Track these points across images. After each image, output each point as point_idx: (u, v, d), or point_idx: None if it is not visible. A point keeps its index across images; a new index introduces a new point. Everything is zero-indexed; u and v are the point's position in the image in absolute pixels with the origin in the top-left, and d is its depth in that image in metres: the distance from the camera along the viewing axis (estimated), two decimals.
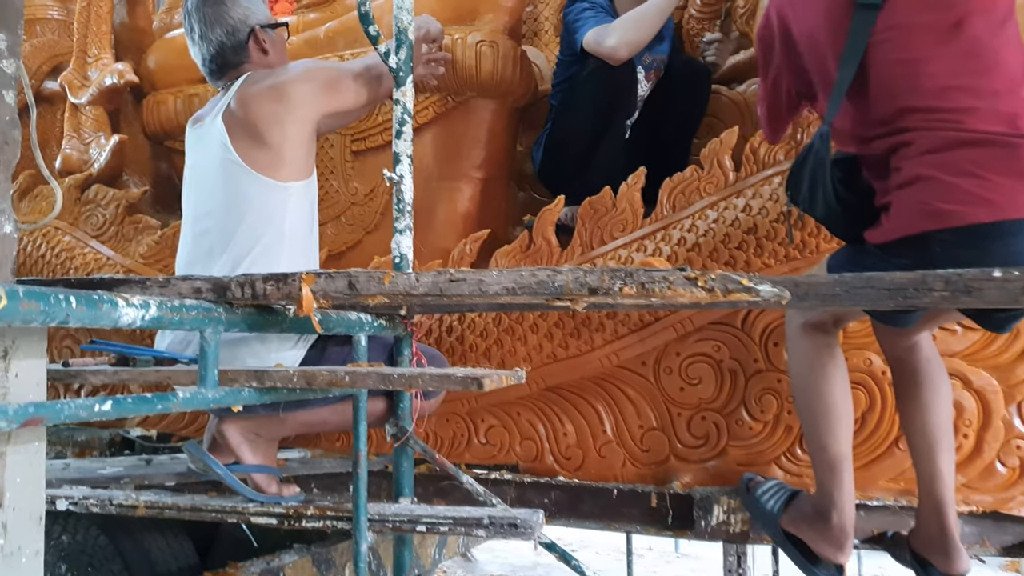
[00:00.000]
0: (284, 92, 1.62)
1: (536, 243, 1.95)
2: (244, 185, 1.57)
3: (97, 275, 1.17)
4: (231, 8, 1.73)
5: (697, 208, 1.83)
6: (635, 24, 2.04)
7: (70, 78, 2.66)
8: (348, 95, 1.72)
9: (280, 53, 1.80)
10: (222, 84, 1.76)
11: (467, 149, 2.24)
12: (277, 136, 1.59)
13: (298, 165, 1.62)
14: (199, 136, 1.71)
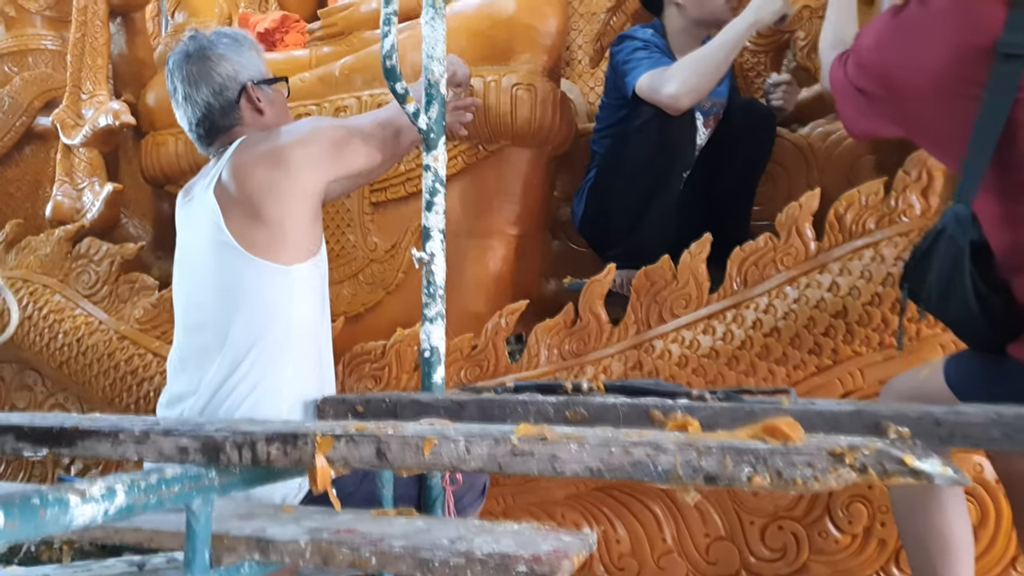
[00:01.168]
0: (282, 157, 1.37)
1: (583, 318, 1.70)
2: (241, 271, 1.33)
3: (59, 422, 0.92)
4: (218, 64, 1.47)
5: (774, 284, 1.57)
6: (699, 68, 1.79)
7: (62, 116, 2.44)
8: (358, 157, 1.47)
9: (279, 112, 1.54)
10: (213, 151, 1.51)
11: (500, 203, 1.99)
12: (276, 210, 1.34)
13: (302, 243, 1.38)
14: (189, 212, 1.47)
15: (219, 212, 1.35)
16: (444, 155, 1.42)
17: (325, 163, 1.41)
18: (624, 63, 1.89)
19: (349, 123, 1.51)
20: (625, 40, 1.97)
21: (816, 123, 2.16)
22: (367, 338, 2.10)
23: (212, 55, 1.47)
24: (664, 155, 1.81)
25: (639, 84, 1.81)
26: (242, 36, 1.53)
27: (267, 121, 1.50)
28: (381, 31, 1.30)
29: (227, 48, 1.48)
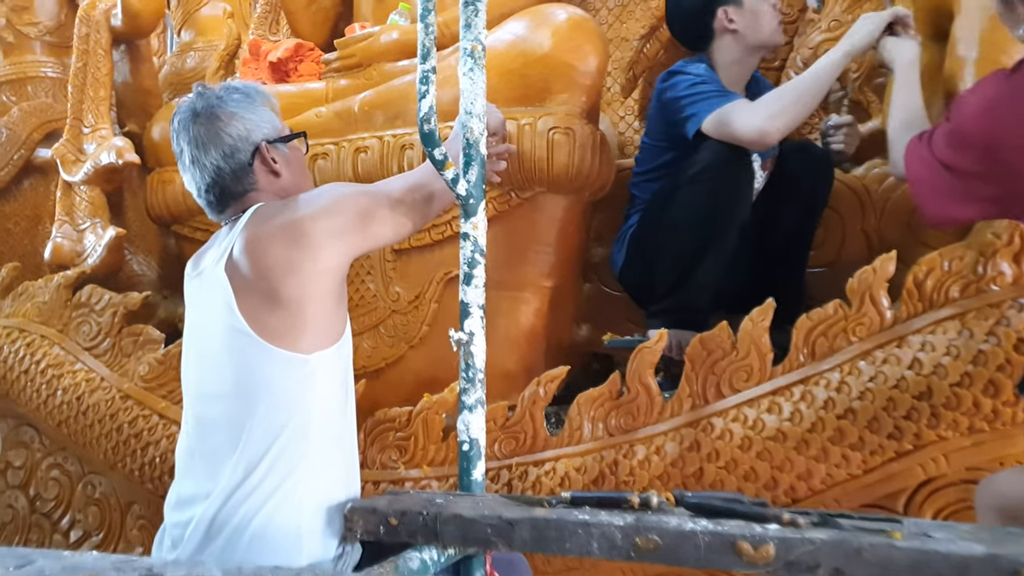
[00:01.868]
0: (301, 232, 1.21)
1: (631, 390, 1.55)
2: (255, 362, 1.17)
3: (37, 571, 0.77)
4: (228, 123, 1.31)
5: (846, 358, 1.42)
6: (792, 99, 1.64)
7: (63, 151, 2.29)
8: (386, 228, 1.31)
9: (297, 172, 1.39)
10: (226, 218, 1.36)
11: (534, 253, 1.84)
12: (294, 291, 1.19)
13: (324, 327, 1.22)
14: (199, 289, 1.32)
15: (231, 292, 1.19)
16: (484, 222, 1.27)
17: (349, 237, 1.26)
18: (681, 100, 1.74)
19: (376, 189, 1.36)
20: (676, 75, 1.81)
21: (872, 163, 2.00)
22: (388, 396, 1.96)
23: (222, 114, 1.32)
24: (721, 206, 1.65)
25: (709, 121, 1.67)
26: (254, 90, 1.38)
27: (284, 184, 1.35)
28: (418, 90, 1.15)
29: (238, 105, 1.33)
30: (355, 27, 2.21)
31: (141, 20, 2.25)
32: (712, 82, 1.74)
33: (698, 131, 1.69)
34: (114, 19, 2.30)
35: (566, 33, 1.75)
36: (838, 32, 2.14)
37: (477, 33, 1.27)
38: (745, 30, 1.83)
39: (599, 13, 2.64)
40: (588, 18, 1.83)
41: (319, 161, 2.01)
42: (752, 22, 1.82)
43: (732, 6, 1.82)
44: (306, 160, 1.45)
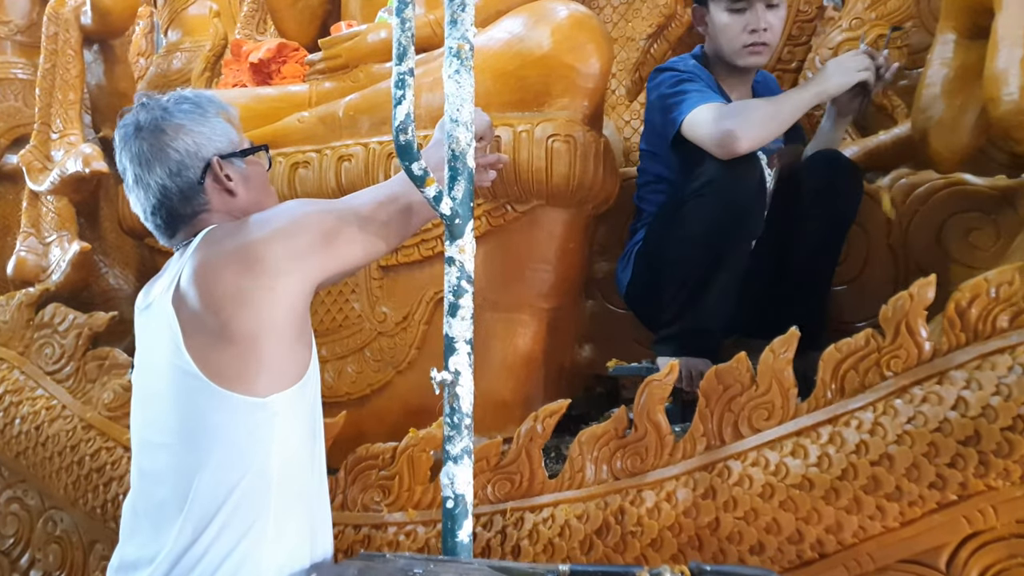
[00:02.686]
0: (255, 257, 1.07)
1: (639, 428, 1.39)
2: (204, 406, 1.03)
3: None
4: (175, 137, 1.16)
5: (879, 395, 1.26)
6: (769, 117, 1.51)
7: (29, 159, 2.15)
8: (354, 248, 1.16)
9: (256, 190, 1.23)
10: (177, 243, 1.21)
11: (531, 272, 1.69)
12: (248, 325, 1.04)
13: (284, 366, 1.07)
14: (147, 323, 1.17)
15: (177, 328, 1.04)
16: (472, 245, 1.12)
17: (311, 260, 1.10)
18: (669, 97, 1.60)
19: (343, 205, 1.20)
20: (664, 72, 1.67)
21: (898, 173, 1.84)
22: (374, 426, 1.80)
23: (167, 126, 1.17)
24: (732, 220, 1.50)
25: (690, 118, 1.53)
26: (206, 99, 1.23)
27: (240, 204, 1.20)
28: (394, 94, 1.00)
29: (186, 116, 1.18)
30: (341, 26, 2.06)
31: (112, 18, 2.11)
32: (698, 79, 1.61)
33: (678, 134, 1.56)
34: (84, 17, 2.15)
35: (567, 32, 1.60)
36: (859, 31, 1.99)
37: (464, 31, 1.12)
38: (711, 38, 1.70)
39: (603, 11, 2.48)
40: (591, 15, 1.67)
41: (300, 170, 1.86)
42: (714, 34, 1.69)
43: (703, 7, 1.70)
44: (268, 176, 1.30)
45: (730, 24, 1.62)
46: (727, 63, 1.68)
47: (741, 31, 1.62)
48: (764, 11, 1.60)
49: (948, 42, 1.63)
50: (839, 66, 1.59)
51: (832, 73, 1.57)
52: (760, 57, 1.65)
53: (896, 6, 1.99)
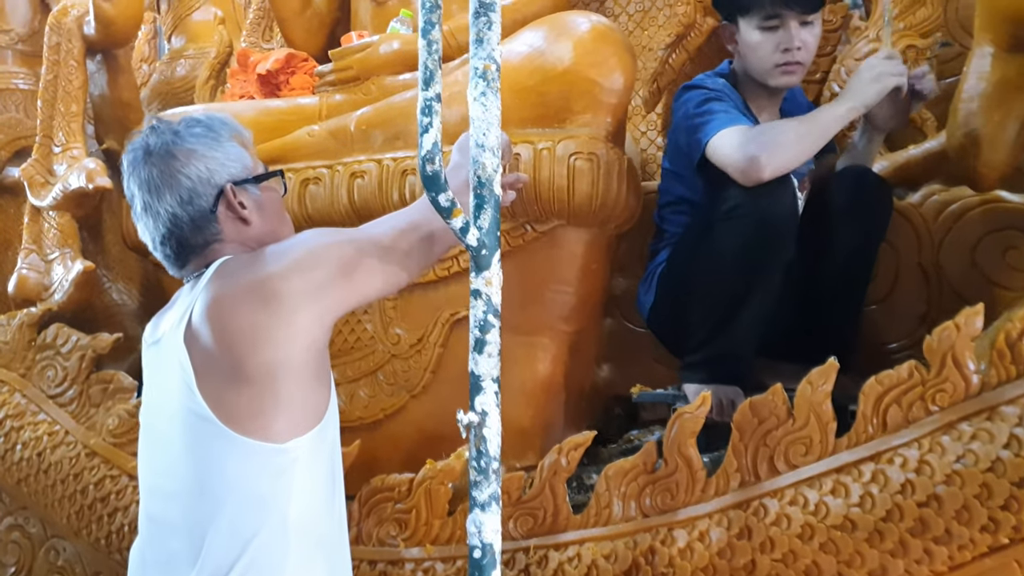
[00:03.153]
0: (271, 292, 1.01)
1: (669, 462, 1.33)
2: (219, 453, 0.97)
3: None
4: (187, 163, 1.10)
5: (925, 431, 1.20)
6: (795, 140, 1.44)
7: (31, 172, 2.09)
8: (374, 280, 1.10)
9: (272, 218, 1.17)
10: (188, 274, 1.15)
11: (552, 293, 1.63)
12: (264, 365, 0.98)
13: (303, 407, 1.02)
14: (156, 359, 1.11)
15: (189, 368, 0.98)
16: (499, 277, 1.06)
17: (330, 294, 1.04)
18: (694, 117, 1.53)
19: (363, 235, 1.14)
20: (690, 91, 1.60)
21: (929, 189, 1.78)
22: (388, 452, 1.74)
23: (179, 151, 1.10)
24: (762, 246, 1.43)
25: (711, 144, 1.47)
26: (219, 122, 1.16)
27: (255, 233, 1.13)
28: (420, 122, 0.94)
29: (199, 141, 1.12)
30: (352, 36, 2.00)
31: (116, 28, 2.04)
32: (727, 98, 1.54)
33: (703, 156, 1.50)
34: (87, 27, 2.09)
35: (589, 45, 1.53)
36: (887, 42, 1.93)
37: (491, 50, 1.06)
38: (741, 57, 1.62)
39: (618, 19, 2.43)
40: (614, 28, 1.61)
41: (311, 187, 1.80)
42: (744, 53, 1.60)
43: (733, 25, 1.61)
44: (283, 202, 1.23)
45: (762, 42, 1.54)
46: (757, 82, 1.61)
47: (773, 50, 1.54)
48: (798, 28, 1.53)
49: (986, 55, 1.56)
50: (871, 71, 1.48)
51: (864, 83, 1.48)
52: (793, 77, 1.58)
53: (926, 15, 1.92)
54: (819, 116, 1.50)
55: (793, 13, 1.52)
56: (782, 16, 1.52)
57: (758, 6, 1.54)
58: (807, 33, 1.54)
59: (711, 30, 2.15)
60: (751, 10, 1.55)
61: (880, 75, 1.49)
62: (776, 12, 1.53)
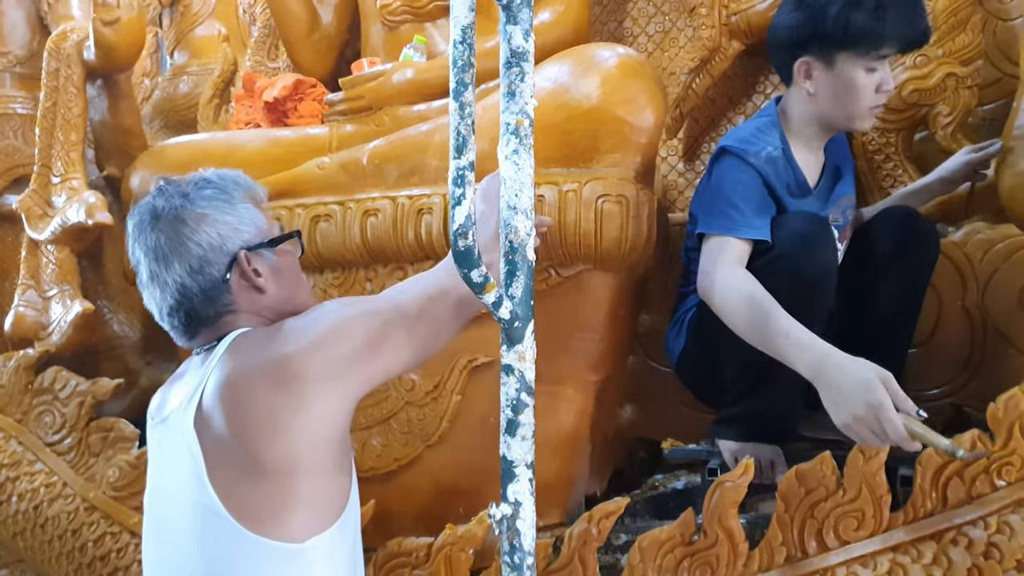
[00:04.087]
0: (290, 373, 0.93)
1: (709, 534, 1.24)
2: (232, 552, 0.89)
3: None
4: (196, 229, 1.02)
5: (991, 510, 1.11)
6: (745, 322, 1.29)
7: (29, 203, 2.00)
8: (403, 352, 1.02)
9: (289, 284, 1.09)
10: (197, 345, 1.06)
11: (578, 341, 1.54)
12: (282, 457, 0.90)
13: (324, 501, 0.94)
14: (162, 442, 1.03)
15: (200, 457, 0.90)
16: (533, 350, 0.97)
17: (355, 372, 0.96)
18: (714, 194, 1.43)
19: (387, 305, 1.04)
20: (720, 159, 1.45)
21: (973, 227, 1.69)
22: (403, 505, 1.66)
23: (188, 216, 1.02)
24: (802, 302, 1.32)
25: (708, 240, 1.41)
26: (231, 182, 1.08)
27: (269, 301, 1.05)
28: (451, 193, 0.85)
29: (210, 204, 1.04)
30: (363, 63, 1.91)
31: (117, 54, 1.95)
32: (754, 185, 1.40)
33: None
34: (87, 52, 2.00)
35: (617, 81, 1.44)
36: (925, 70, 1.83)
37: (523, 104, 0.97)
38: (822, 97, 1.44)
39: (637, 39, 2.34)
40: (643, 61, 1.52)
41: (321, 224, 1.71)
42: (835, 92, 1.42)
43: (819, 61, 1.42)
44: (299, 266, 1.14)
45: (866, 84, 1.39)
46: (832, 124, 1.48)
47: (874, 91, 1.40)
48: (888, 67, 1.42)
49: None
50: (865, 406, 1.05)
51: (845, 408, 1.07)
52: (873, 120, 1.48)
53: (966, 42, 1.83)
54: (790, 334, 1.23)
55: (894, 52, 1.40)
56: (887, 56, 1.39)
57: (875, 41, 1.36)
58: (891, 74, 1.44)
59: (737, 54, 2.06)
60: (863, 45, 1.37)
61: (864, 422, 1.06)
62: (888, 52, 1.38)
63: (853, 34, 1.36)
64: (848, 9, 1.35)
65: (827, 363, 1.12)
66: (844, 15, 1.35)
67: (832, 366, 1.11)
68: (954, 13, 1.84)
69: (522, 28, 0.99)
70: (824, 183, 1.56)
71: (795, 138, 1.51)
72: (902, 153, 1.88)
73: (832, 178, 1.58)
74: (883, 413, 1.02)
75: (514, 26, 0.99)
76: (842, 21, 1.35)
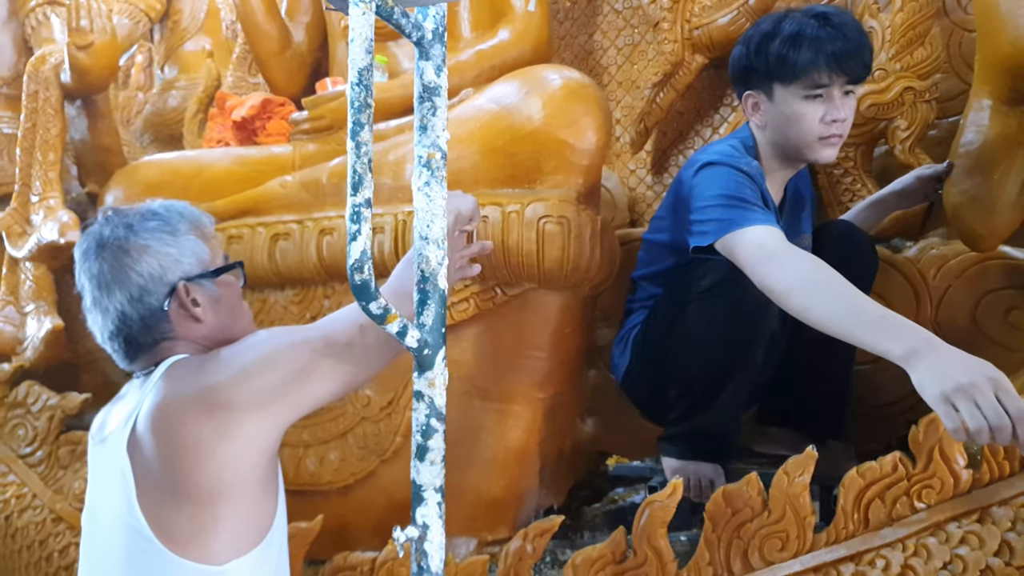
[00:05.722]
0: (217, 403, 0.96)
1: (639, 553, 1.26)
2: (156, 572, 0.93)
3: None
4: (138, 259, 1.05)
5: (910, 532, 1.12)
6: (837, 292, 1.14)
7: (9, 222, 2.06)
8: (331, 382, 1.04)
9: (227, 314, 1.11)
10: (137, 368, 1.10)
11: (524, 359, 1.56)
12: (207, 483, 0.94)
13: (246, 525, 0.97)
14: (99, 460, 1.06)
15: (131, 480, 0.94)
16: (444, 376, 1.00)
17: (282, 401, 0.99)
18: (704, 208, 1.33)
19: (318, 334, 1.06)
20: (705, 169, 1.39)
21: (928, 243, 1.69)
22: (358, 518, 1.69)
23: (132, 246, 1.06)
24: (746, 326, 1.34)
25: (730, 239, 1.27)
26: (177, 215, 1.11)
27: (206, 331, 1.08)
28: (348, 229, 0.88)
29: (152, 236, 1.07)
30: (327, 83, 1.95)
31: (91, 77, 2.01)
32: (746, 185, 1.33)
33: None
34: (64, 75, 2.06)
35: (560, 104, 1.47)
36: (884, 83, 1.83)
37: (435, 137, 1.00)
38: (770, 129, 1.44)
39: (607, 52, 2.36)
40: (588, 84, 1.54)
41: (280, 242, 1.75)
42: (778, 125, 1.41)
43: (761, 93, 1.42)
44: (241, 294, 1.17)
45: (806, 114, 1.37)
46: (783, 155, 1.45)
47: (818, 121, 1.37)
48: (841, 99, 1.37)
49: (984, 108, 1.48)
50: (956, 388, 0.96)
51: (936, 390, 0.98)
52: (834, 150, 1.40)
53: (924, 56, 1.82)
54: (867, 306, 1.13)
55: (841, 81, 1.37)
56: (829, 85, 1.37)
57: (805, 74, 1.35)
58: (848, 104, 1.40)
59: (700, 68, 2.07)
60: (796, 78, 1.36)
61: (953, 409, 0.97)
62: (825, 81, 1.35)
63: (776, 66, 1.36)
64: (768, 41, 1.36)
65: (933, 339, 1.04)
66: (765, 47, 1.36)
67: (938, 341, 1.04)
68: (912, 27, 1.83)
69: (434, 64, 1.03)
70: (786, 214, 1.56)
71: (767, 168, 1.47)
72: (861, 168, 1.88)
73: (793, 210, 1.58)
74: (1002, 385, 0.94)
75: (426, 62, 1.03)
76: (763, 54, 1.37)
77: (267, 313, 1.83)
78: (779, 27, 1.37)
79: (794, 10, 1.42)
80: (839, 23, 1.34)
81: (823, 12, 1.37)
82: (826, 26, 1.33)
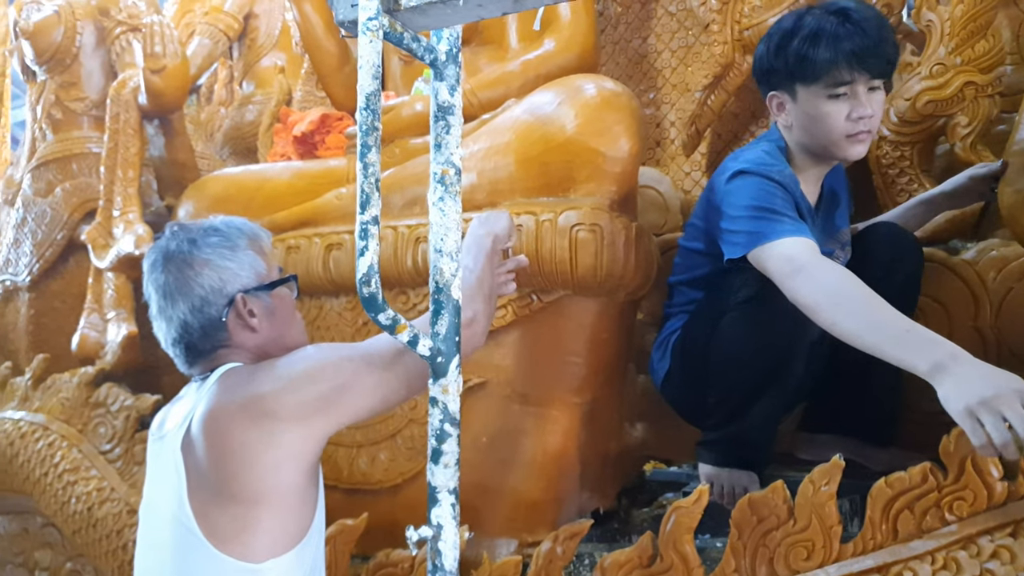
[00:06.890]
0: (264, 411, 1.04)
1: (664, 559, 1.27)
2: (199, 566, 1.01)
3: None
4: (200, 272, 1.14)
5: (940, 544, 1.09)
6: (863, 306, 1.14)
7: (94, 235, 2.24)
8: (369, 398, 1.10)
9: (281, 324, 1.20)
10: (195, 373, 1.20)
11: (561, 364, 1.59)
12: (251, 486, 1.02)
13: (284, 528, 1.05)
14: (157, 457, 1.16)
15: (183, 477, 1.04)
16: (458, 384, 1.04)
17: (324, 413, 1.06)
18: (736, 219, 1.33)
19: (362, 352, 1.12)
20: (736, 179, 1.37)
21: (987, 244, 1.61)
22: (408, 517, 1.71)
23: (195, 260, 1.15)
24: (784, 338, 1.31)
25: (760, 252, 1.27)
26: (236, 231, 1.20)
27: (260, 339, 1.17)
28: (357, 245, 0.94)
29: (214, 251, 1.16)
30: None
31: (165, 99, 2.16)
32: (778, 196, 1.32)
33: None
34: (141, 97, 2.22)
35: (592, 113, 1.49)
36: (942, 79, 1.76)
37: (449, 154, 1.05)
38: (796, 128, 1.43)
39: (661, 55, 2.34)
40: (622, 93, 1.55)
41: (334, 252, 1.83)
42: (803, 124, 1.40)
43: (785, 93, 1.41)
44: (295, 305, 1.26)
45: (831, 112, 1.36)
46: (813, 153, 1.44)
47: (844, 119, 1.36)
48: (867, 95, 1.35)
49: None
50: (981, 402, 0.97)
51: (971, 384, 0.99)
52: (863, 146, 1.39)
53: (986, 49, 1.75)
54: (913, 328, 1.12)
55: (864, 78, 1.35)
56: (852, 82, 1.35)
57: (826, 73, 1.34)
58: (875, 99, 1.37)
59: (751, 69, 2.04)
60: (818, 78, 1.35)
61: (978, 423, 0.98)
62: (847, 78, 1.34)
63: (796, 66, 1.35)
64: (787, 40, 1.34)
65: (960, 353, 1.04)
66: (784, 47, 1.34)
67: (965, 355, 1.03)
68: (973, 19, 1.76)
69: (448, 84, 1.07)
70: (823, 212, 1.53)
71: (794, 166, 1.47)
72: (918, 167, 1.81)
73: (829, 207, 1.55)
74: None
75: (440, 82, 1.07)
76: (783, 54, 1.35)
77: (323, 319, 1.92)
78: (799, 24, 1.36)
79: (816, 6, 1.40)
80: (859, 19, 1.32)
81: (844, 8, 1.34)
82: (846, 23, 1.31)
